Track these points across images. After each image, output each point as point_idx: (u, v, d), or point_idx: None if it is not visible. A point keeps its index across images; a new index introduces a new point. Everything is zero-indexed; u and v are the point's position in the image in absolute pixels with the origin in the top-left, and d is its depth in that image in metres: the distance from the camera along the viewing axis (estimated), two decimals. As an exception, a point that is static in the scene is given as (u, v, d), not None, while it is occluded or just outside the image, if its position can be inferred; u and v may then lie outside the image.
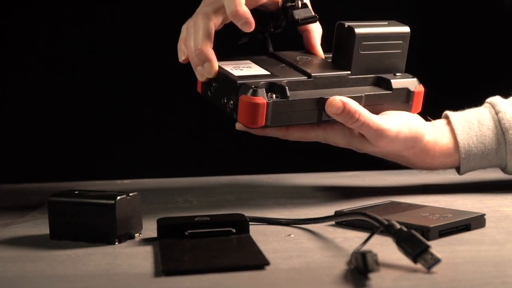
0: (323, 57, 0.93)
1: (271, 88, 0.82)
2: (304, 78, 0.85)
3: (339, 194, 0.98)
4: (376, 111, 0.87)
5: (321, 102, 0.84)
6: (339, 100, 0.83)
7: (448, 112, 0.95)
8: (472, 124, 0.92)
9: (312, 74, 0.85)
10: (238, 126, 0.87)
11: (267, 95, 0.81)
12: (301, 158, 1.41)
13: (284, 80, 0.83)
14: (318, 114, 0.85)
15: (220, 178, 1.16)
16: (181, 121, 1.45)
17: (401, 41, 0.89)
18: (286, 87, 0.82)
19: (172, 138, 1.45)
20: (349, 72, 0.87)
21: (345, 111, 0.83)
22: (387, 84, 0.88)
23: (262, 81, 0.82)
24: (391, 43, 0.89)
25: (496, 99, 0.94)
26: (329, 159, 1.37)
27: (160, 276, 0.62)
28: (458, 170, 0.95)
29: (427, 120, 0.93)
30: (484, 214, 0.76)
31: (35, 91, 1.43)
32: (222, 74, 0.85)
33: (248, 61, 0.89)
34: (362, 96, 0.86)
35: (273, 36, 0.94)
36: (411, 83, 0.90)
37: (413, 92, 0.90)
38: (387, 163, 0.96)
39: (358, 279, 0.59)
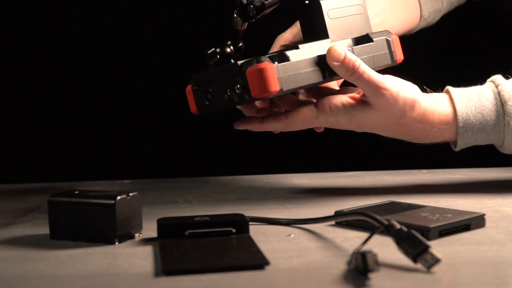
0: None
1: (271, 59, 0.83)
2: (293, 50, 0.86)
3: (339, 194, 0.98)
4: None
5: (321, 59, 0.86)
6: (340, 48, 0.86)
7: (448, 87, 0.94)
8: (471, 95, 0.92)
9: (299, 45, 0.87)
10: (237, 125, 0.89)
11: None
12: (301, 158, 1.41)
13: (278, 53, 0.85)
14: (322, 73, 0.87)
15: (220, 178, 1.16)
16: (182, 121, 1.45)
17: (359, 4, 0.93)
18: (286, 53, 0.84)
19: (172, 138, 1.45)
20: (329, 39, 0.89)
21: (346, 59, 0.85)
22: (366, 39, 0.92)
23: (261, 56, 0.84)
24: (353, 6, 0.93)
25: (496, 76, 0.94)
26: (329, 159, 1.37)
27: (160, 276, 0.62)
28: (455, 145, 0.94)
29: (424, 90, 0.93)
30: (484, 214, 0.76)
31: (35, 91, 1.43)
32: (216, 71, 0.86)
33: None
34: (351, 48, 0.89)
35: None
36: (385, 33, 0.94)
37: (390, 40, 0.93)
38: (388, 141, 0.95)
39: (358, 279, 0.59)
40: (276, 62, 0.83)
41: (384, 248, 0.66)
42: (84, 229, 0.73)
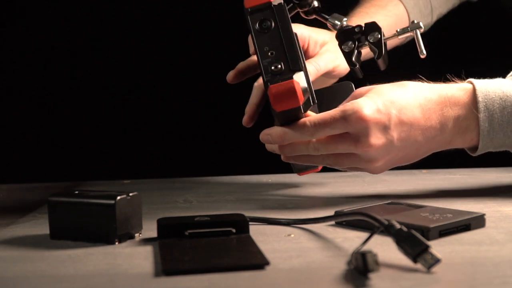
0: None
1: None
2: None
3: (339, 194, 0.98)
4: None
5: None
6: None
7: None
8: (488, 80, 0.87)
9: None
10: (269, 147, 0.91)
11: None
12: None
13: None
14: None
15: (220, 178, 1.16)
16: (181, 121, 1.46)
17: None
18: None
19: (172, 138, 1.46)
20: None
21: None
22: None
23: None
24: None
25: None
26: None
27: (160, 276, 0.62)
28: (474, 149, 0.87)
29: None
30: (484, 214, 0.76)
31: (35, 91, 1.44)
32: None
33: None
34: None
35: None
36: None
37: None
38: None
39: (358, 279, 0.59)
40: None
41: (384, 248, 0.66)
42: (84, 229, 0.73)
